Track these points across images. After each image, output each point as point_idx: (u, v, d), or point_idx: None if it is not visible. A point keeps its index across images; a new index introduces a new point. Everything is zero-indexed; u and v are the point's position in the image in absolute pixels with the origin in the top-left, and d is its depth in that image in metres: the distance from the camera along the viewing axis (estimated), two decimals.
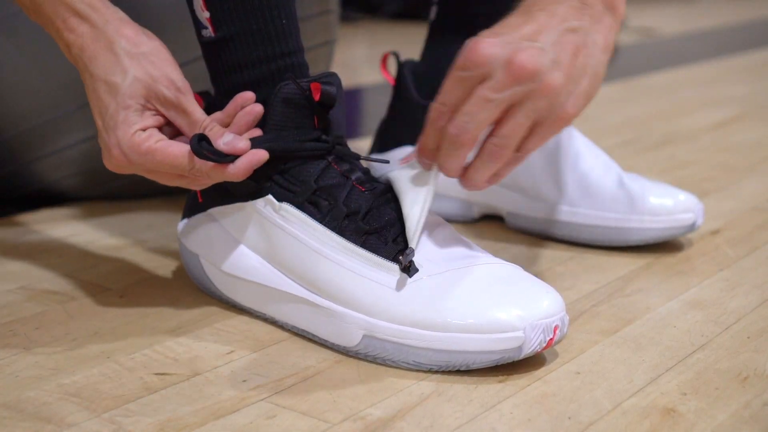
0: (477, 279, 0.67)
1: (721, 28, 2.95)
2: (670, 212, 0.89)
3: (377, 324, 0.67)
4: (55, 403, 0.61)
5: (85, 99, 0.71)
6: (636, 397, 0.63)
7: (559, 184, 0.93)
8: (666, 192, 0.91)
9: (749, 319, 0.76)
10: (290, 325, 0.72)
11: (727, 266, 0.88)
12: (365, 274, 0.68)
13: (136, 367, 0.66)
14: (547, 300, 0.66)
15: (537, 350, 0.65)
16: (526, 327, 0.64)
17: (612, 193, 0.91)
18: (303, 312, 0.71)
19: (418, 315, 0.66)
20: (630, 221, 0.90)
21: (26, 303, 0.77)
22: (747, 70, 2.11)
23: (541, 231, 0.94)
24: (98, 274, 0.84)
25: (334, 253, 0.69)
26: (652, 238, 0.90)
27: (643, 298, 0.80)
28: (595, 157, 0.93)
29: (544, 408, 0.62)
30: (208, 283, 0.78)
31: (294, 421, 0.60)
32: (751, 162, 1.26)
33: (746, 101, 1.71)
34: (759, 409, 0.62)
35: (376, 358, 0.67)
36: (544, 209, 0.94)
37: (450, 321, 0.65)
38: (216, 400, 0.62)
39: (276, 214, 0.71)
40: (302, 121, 0.72)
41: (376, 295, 0.67)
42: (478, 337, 0.64)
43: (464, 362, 0.65)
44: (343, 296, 0.68)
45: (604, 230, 0.91)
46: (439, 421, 0.60)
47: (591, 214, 0.91)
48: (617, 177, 0.92)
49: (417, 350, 0.66)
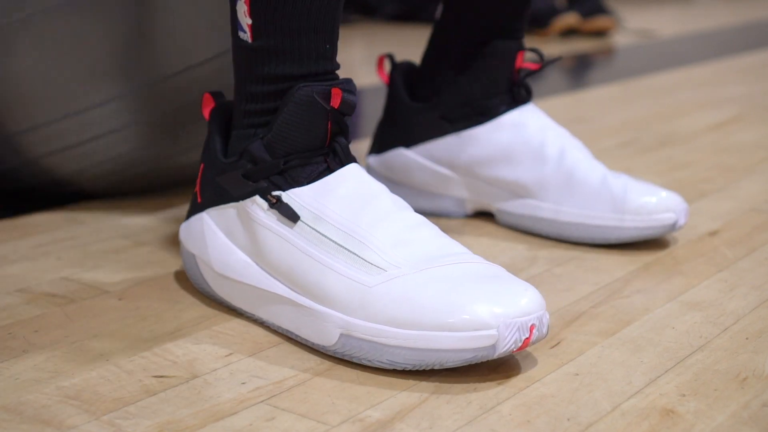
0: (453, 277, 0.67)
1: (719, 30, 2.95)
2: (650, 212, 0.90)
3: (354, 322, 0.67)
4: (55, 405, 0.61)
5: (104, 94, 0.71)
6: (635, 399, 0.63)
7: (543, 182, 0.94)
8: (648, 191, 0.91)
9: (748, 320, 0.76)
10: (276, 325, 0.72)
11: (726, 267, 0.88)
12: (346, 273, 0.68)
13: (136, 370, 0.66)
14: (524, 298, 0.65)
15: (512, 349, 0.64)
16: (500, 325, 0.63)
17: (595, 191, 0.92)
18: (287, 312, 0.71)
19: (392, 312, 0.65)
20: (610, 219, 0.91)
21: (25, 306, 0.77)
22: (745, 71, 2.11)
23: (528, 228, 0.96)
24: (97, 276, 0.84)
25: (318, 252, 0.69)
26: (632, 237, 0.91)
27: (641, 299, 0.80)
28: (580, 155, 0.95)
29: (543, 409, 0.62)
30: (204, 283, 0.78)
31: (293, 423, 0.60)
32: (750, 163, 1.26)
33: (744, 102, 1.71)
34: (758, 409, 0.62)
35: (353, 358, 0.67)
36: (530, 207, 0.95)
37: (423, 319, 0.64)
38: (215, 402, 0.62)
39: (263, 213, 0.72)
40: (314, 124, 0.72)
41: (354, 293, 0.67)
42: (450, 335, 0.64)
43: (438, 361, 0.64)
44: (323, 294, 0.68)
45: (587, 228, 0.92)
46: (438, 422, 0.60)
47: (574, 212, 0.92)
48: (601, 175, 0.93)
49: (392, 349, 0.65)
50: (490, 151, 0.97)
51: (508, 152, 0.96)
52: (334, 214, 0.70)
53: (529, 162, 0.95)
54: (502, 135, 0.96)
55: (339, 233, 0.69)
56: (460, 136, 0.98)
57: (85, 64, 0.69)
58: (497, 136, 0.96)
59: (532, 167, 0.95)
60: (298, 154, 0.72)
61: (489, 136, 0.97)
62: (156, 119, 0.98)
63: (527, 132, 0.96)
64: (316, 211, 0.70)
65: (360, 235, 0.69)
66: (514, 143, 0.96)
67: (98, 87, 0.95)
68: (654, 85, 1.91)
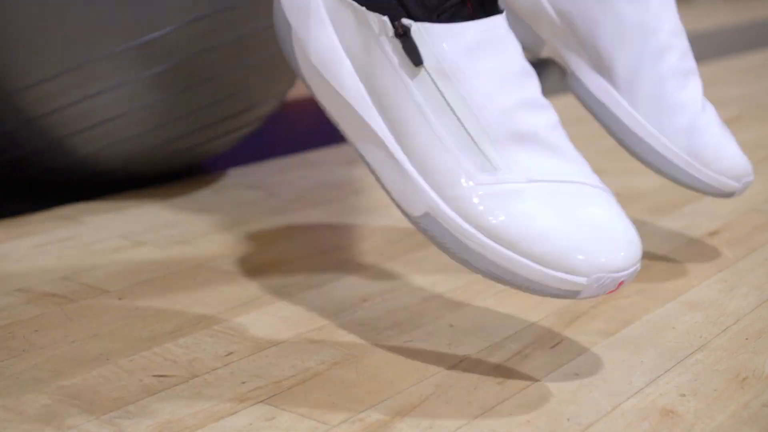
0: (560, 205, 0.61)
1: (719, 30, 2.95)
2: (718, 171, 0.83)
3: (444, 210, 0.61)
4: (55, 405, 0.61)
5: (107, 48, 0.67)
6: (635, 399, 0.63)
7: (634, 80, 0.84)
8: (727, 149, 0.83)
9: (748, 320, 0.76)
10: (362, 156, 0.66)
11: (726, 267, 0.88)
12: (456, 154, 0.61)
13: (136, 369, 0.66)
14: (624, 252, 0.60)
15: (594, 297, 0.61)
16: (592, 277, 0.60)
17: (679, 121, 0.83)
18: (380, 155, 0.64)
19: (487, 222, 0.60)
20: (676, 156, 0.83)
21: (25, 305, 0.77)
22: (745, 71, 2.11)
23: (594, 112, 0.86)
24: (97, 276, 0.84)
25: (434, 116, 0.62)
26: (686, 183, 0.84)
27: (641, 299, 0.80)
28: (683, 66, 0.85)
29: (543, 409, 0.62)
30: (294, 63, 0.68)
31: (293, 422, 0.60)
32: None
33: (744, 102, 1.71)
34: (758, 409, 0.62)
35: (431, 239, 0.62)
36: (607, 95, 0.85)
37: (517, 241, 0.60)
38: (215, 402, 0.62)
39: (386, 39, 0.62)
40: None
41: (456, 179, 0.61)
42: (540, 268, 0.60)
43: (516, 283, 0.61)
44: (423, 163, 0.62)
45: (650, 152, 0.84)
46: (438, 422, 0.60)
47: (648, 129, 0.84)
48: (694, 110, 0.84)
49: (474, 253, 0.61)
50: (598, 11, 0.85)
51: (616, 25, 0.84)
52: (461, 75, 0.61)
53: (630, 48, 0.84)
54: (621, 3, 0.84)
55: (463, 107, 0.61)
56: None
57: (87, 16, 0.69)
58: (616, 1, 0.84)
59: (628, 56, 0.84)
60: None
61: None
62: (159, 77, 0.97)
63: (646, 16, 0.84)
64: (443, 64, 0.61)
65: (482, 116, 0.61)
66: (627, 18, 0.84)
67: (100, 41, 0.94)
68: None
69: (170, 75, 0.98)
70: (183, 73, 0.98)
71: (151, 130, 1.01)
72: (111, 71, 0.96)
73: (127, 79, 0.96)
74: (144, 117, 1.00)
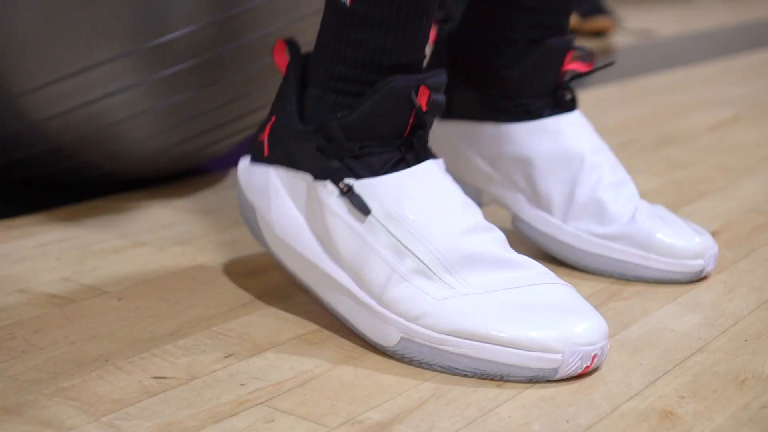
0: (523, 300, 0.67)
1: (718, 30, 2.95)
2: (678, 255, 0.83)
3: (416, 329, 0.67)
4: (55, 406, 0.61)
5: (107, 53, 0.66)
6: (634, 400, 0.63)
7: (570, 203, 0.87)
8: (680, 232, 0.84)
9: (747, 322, 0.76)
10: (334, 311, 0.72)
11: (725, 268, 0.88)
12: (414, 281, 0.68)
13: (135, 371, 0.66)
14: (591, 327, 0.66)
15: (572, 375, 0.65)
16: (566, 351, 0.64)
17: (623, 225, 0.85)
18: (347, 302, 0.71)
19: (457, 325, 0.66)
20: (635, 256, 0.84)
21: (25, 306, 0.77)
22: (744, 71, 2.11)
23: (544, 246, 0.89)
24: (96, 277, 0.84)
25: (387, 253, 0.69)
26: (654, 278, 0.84)
27: (640, 301, 0.80)
28: (613, 180, 0.87)
29: (542, 411, 0.62)
30: (261, 238, 0.78)
31: (292, 425, 0.60)
32: (749, 163, 1.26)
33: (744, 102, 1.71)
34: (757, 411, 0.62)
35: (413, 360, 0.68)
36: (550, 225, 0.88)
37: (489, 333, 0.65)
38: (214, 403, 0.62)
39: (334, 199, 0.70)
40: (398, 116, 0.70)
41: (420, 302, 0.67)
42: (516, 352, 0.65)
43: (499, 373, 0.65)
44: (387, 297, 0.68)
45: (608, 261, 0.85)
46: (437, 424, 0.60)
47: (597, 241, 0.85)
48: (633, 208, 0.86)
49: (454, 356, 0.66)
50: (523, 150, 0.89)
51: (542, 159, 0.88)
52: (406, 215, 0.69)
53: (561, 176, 0.87)
54: (541, 139, 0.88)
55: (410, 238, 0.69)
56: (498, 128, 0.90)
57: (89, 21, 0.69)
58: (536, 138, 0.88)
59: (562, 183, 0.87)
60: (376, 141, 0.70)
61: (528, 136, 0.89)
62: (160, 83, 0.97)
63: (566, 143, 0.88)
64: (388, 209, 0.69)
65: (433, 247, 0.68)
66: (550, 151, 0.88)
67: (102, 45, 0.94)
68: (653, 85, 1.91)
69: (172, 81, 0.98)
70: (185, 78, 0.98)
71: (153, 134, 1.02)
72: (113, 76, 0.96)
73: (129, 84, 0.96)
74: (146, 122, 1.00)
